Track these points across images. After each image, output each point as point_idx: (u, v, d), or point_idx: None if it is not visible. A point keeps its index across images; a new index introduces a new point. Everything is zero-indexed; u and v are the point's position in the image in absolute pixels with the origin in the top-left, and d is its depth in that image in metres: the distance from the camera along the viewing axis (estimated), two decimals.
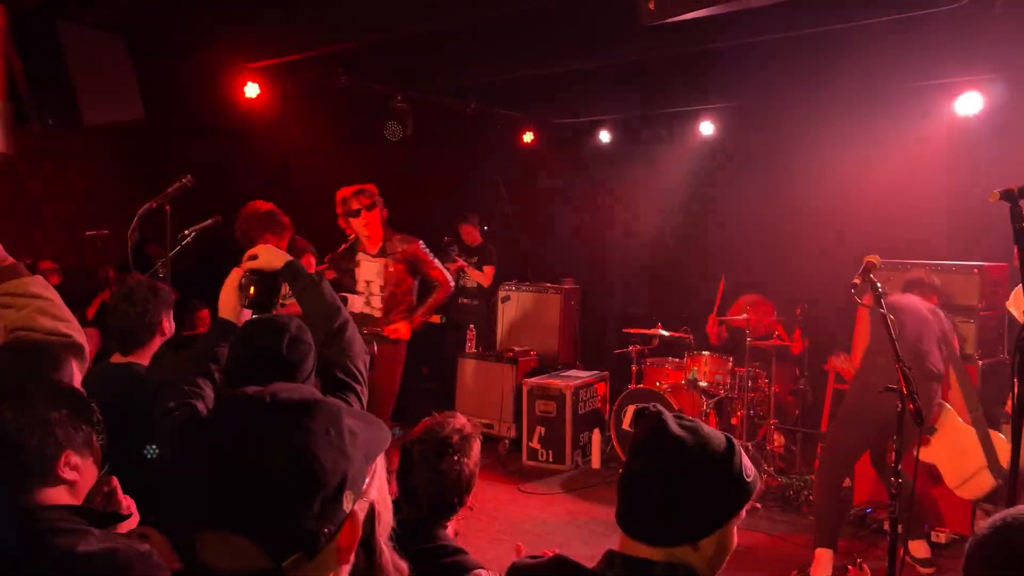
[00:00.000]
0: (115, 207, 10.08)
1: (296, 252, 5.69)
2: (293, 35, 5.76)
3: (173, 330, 3.04)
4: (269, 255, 2.32)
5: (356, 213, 5.31)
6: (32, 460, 1.63)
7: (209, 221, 4.95)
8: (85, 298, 7.13)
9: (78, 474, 1.69)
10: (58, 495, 1.65)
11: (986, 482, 4.40)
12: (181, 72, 5.97)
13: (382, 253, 5.35)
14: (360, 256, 5.42)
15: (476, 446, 2.30)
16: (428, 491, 2.20)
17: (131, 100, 5.23)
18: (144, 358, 2.92)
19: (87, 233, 5.81)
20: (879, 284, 3.06)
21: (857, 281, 3.14)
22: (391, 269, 5.31)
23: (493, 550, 4.76)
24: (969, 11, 4.49)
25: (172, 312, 3.06)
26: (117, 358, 2.92)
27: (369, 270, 5.38)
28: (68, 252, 8.68)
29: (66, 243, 9.67)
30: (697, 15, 2.86)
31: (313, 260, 5.62)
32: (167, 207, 3.93)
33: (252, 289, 2.31)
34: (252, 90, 6.25)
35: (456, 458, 2.22)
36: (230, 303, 2.31)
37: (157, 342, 2.98)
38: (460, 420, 2.35)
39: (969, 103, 6.03)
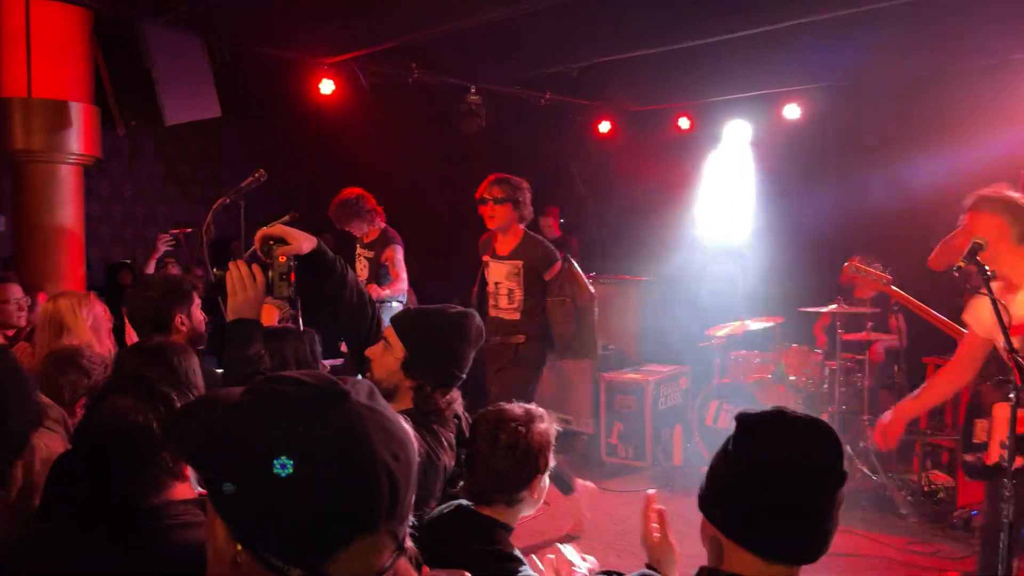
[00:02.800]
0: (201, 205, 10.43)
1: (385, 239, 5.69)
2: (365, 30, 5.76)
3: (192, 326, 3.02)
4: (298, 236, 2.11)
5: (483, 202, 4.68)
6: (168, 457, 1.62)
7: (286, 217, 4.99)
8: None
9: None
10: (184, 490, 1.67)
11: None
12: (257, 70, 6.05)
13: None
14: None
15: (543, 429, 2.17)
16: (487, 467, 2.10)
17: (209, 99, 5.34)
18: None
19: (172, 232, 5.95)
20: (987, 267, 2.79)
21: (961, 264, 2.87)
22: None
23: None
24: None
25: (193, 307, 3.04)
26: None
27: (498, 272, 4.84)
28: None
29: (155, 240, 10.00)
30: None
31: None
32: (241, 202, 3.95)
33: (293, 276, 2.02)
34: (327, 86, 6.29)
35: (517, 435, 2.10)
36: (256, 295, 2.01)
37: (174, 339, 2.91)
38: (533, 407, 2.24)
39: None
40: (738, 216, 8.03)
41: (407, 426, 1.05)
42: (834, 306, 5.85)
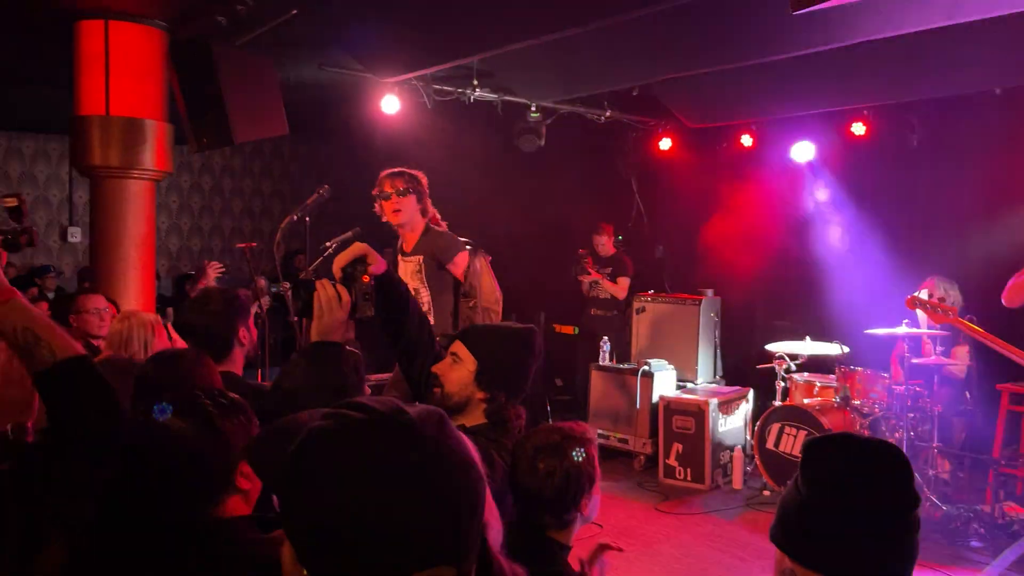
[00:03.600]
0: (267, 221, 10.69)
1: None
2: (429, 50, 5.84)
3: (253, 338, 3.00)
4: (378, 256, 2.06)
5: (384, 196, 4.41)
6: (217, 472, 1.62)
7: (350, 232, 5.08)
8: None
9: (250, 482, 1.69)
10: (236, 505, 1.66)
11: None
12: (322, 89, 6.19)
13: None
14: None
15: (587, 452, 2.15)
16: (531, 492, 2.09)
17: (277, 118, 5.47)
18: (231, 367, 2.88)
19: (238, 246, 6.09)
20: None
21: None
22: None
23: (629, 571, 4.59)
24: None
25: (250, 320, 3.02)
26: None
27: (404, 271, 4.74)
28: (221, 261, 9.21)
29: (222, 256, 10.30)
30: (849, 0, 2.63)
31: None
32: (307, 219, 4.03)
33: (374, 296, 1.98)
34: (390, 104, 6.39)
35: (556, 461, 2.10)
36: (343, 317, 1.95)
37: (237, 352, 2.94)
38: (578, 425, 2.22)
39: None
40: (801, 236, 7.88)
41: (476, 456, 1.04)
42: (903, 329, 5.69)
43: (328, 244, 5.27)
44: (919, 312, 5.22)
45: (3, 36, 5.97)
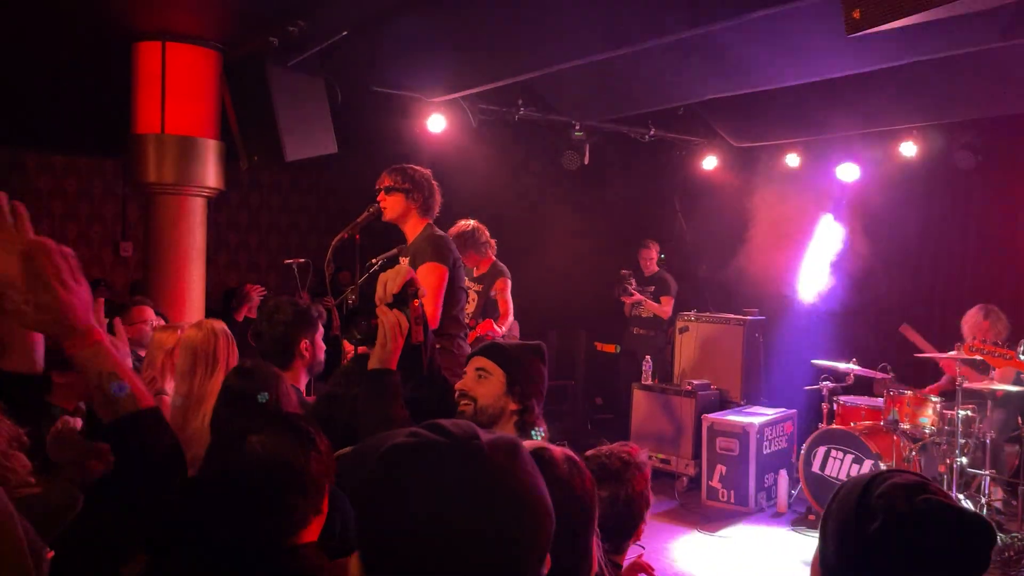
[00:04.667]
0: (312, 236, 10.85)
1: None
2: (475, 69, 5.91)
3: (315, 353, 3.06)
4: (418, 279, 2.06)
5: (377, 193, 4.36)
6: (311, 498, 1.62)
7: (395, 250, 5.14)
8: None
9: (325, 509, 1.71)
10: (310, 533, 1.66)
11: None
12: (371, 107, 6.28)
13: None
14: None
15: (640, 476, 2.14)
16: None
17: (326, 137, 5.56)
18: (291, 379, 2.87)
19: (285, 262, 6.20)
20: None
21: None
22: None
23: None
24: None
25: (317, 335, 3.07)
26: None
27: None
28: (268, 279, 9.37)
29: (268, 271, 10.47)
30: (906, 22, 2.61)
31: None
32: (357, 236, 4.09)
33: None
34: (436, 123, 6.46)
35: (622, 486, 2.11)
36: (401, 344, 1.95)
37: (298, 364, 2.99)
38: (633, 449, 2.22)
39: None
40: (847, 256, 7.76)
41: (544, 491, 1.05)
42: (954, 352, 5.57)
43: (374, 260, 5.33)
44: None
45: (64, 56, 6.17)
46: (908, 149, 6.94)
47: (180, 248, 5.59)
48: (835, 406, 6.31)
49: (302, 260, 6.43)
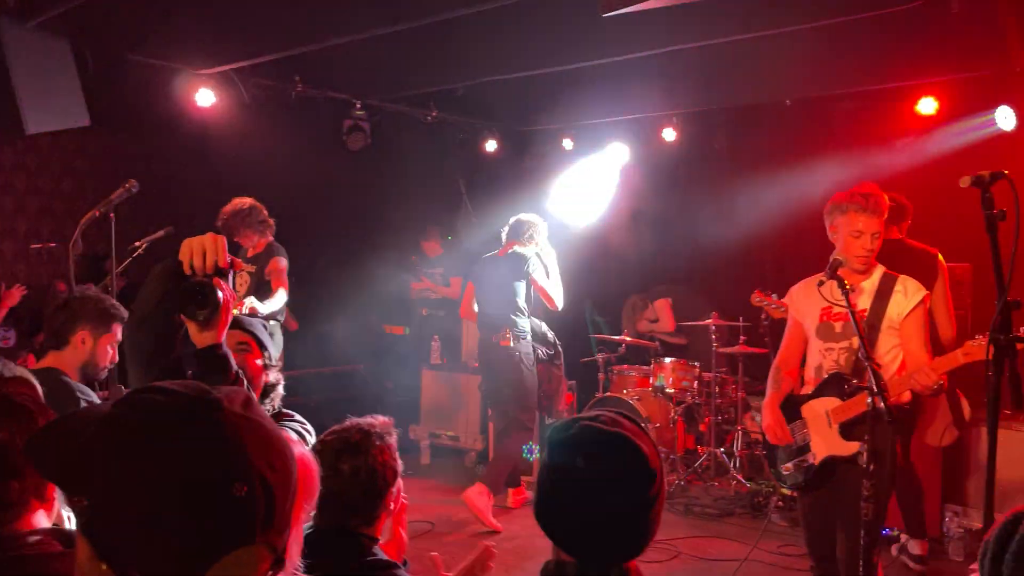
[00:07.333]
0: (69, 221, 9.84)
1: None
2: (244, 41, 5.62)
3: (94, 352, 2.97)
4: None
5: None
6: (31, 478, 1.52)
7: (161, 232, 4.79)
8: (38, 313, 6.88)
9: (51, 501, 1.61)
10: (45, 515, 1.57)
11: None
12: (129, 78, 5.78)
13: None
14: None
15: (381, 446, 2.16)
16: (335, 495, 2.06)
17: (76, 107, 5.05)
18: (60, 362, 2.89)
19: (32, 247, 5.60)
20: (846, 282, 3.00)
21: (823, 278, 3.08)
22: None
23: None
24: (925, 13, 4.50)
25: (103, 334, 3.00)
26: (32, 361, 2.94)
27: None
28: (15, 266, 8.40)
29: (15, 261, 9.38)
30: (656, 4, 2.79)
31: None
32: (111, 215, 3.76)
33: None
34: (205, 97, 6.07)
35: (364, 457, 2.11)
36: (229, 318, 1.82)
37: (68, 352, 2.93)
38: (369, 420, 2.23)
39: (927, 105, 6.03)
40: (617, 235, 8.20)
41: (289, 435, 1.03)
42: (710, 320, 6.12)
43: (138, 244, 4.95)
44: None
45: None
46: (669, 134, 7.42)
47: None
48: (610, 375, 6.71)
49: (53, 244, 5.85)
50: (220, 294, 1.69)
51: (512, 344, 5.46)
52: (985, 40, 5.29)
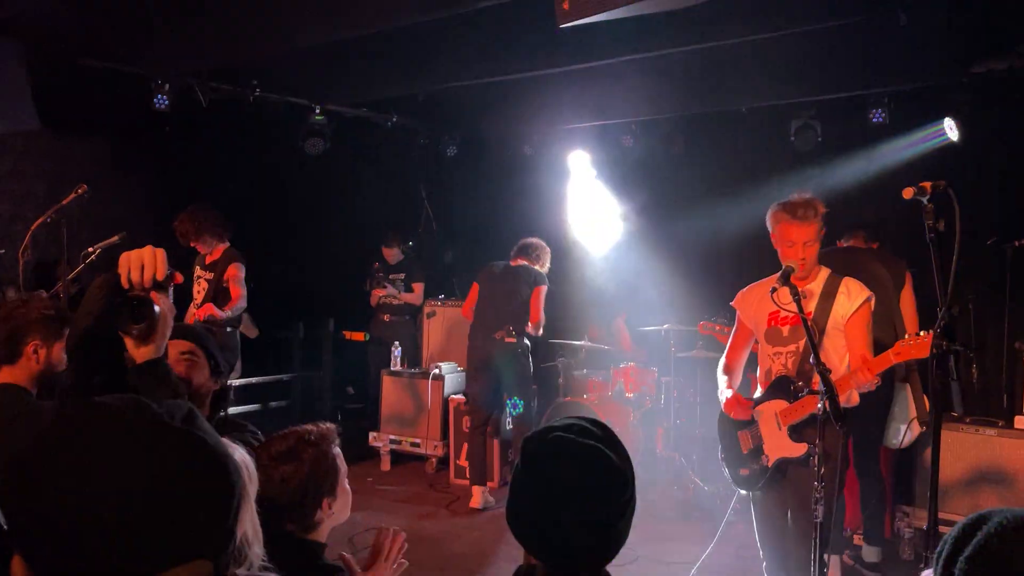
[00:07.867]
0: (18, 225, 9.60)
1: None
2: (200, 46, 5.56)
3: (50, 362, 2.86)
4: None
5: None
6: None
7: (115, 238, 4.70)
8: None
9: None
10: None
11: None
12: (82, 81, 5.67)
13: None
14: None
15: (317, 453, 2.14)
16: (270, 500, 2.05)
17: (25, 110, 4.94)
18: (14, 377, 2.77)
19: None
20: (798, 288, 3.06)
21: (776, 286, 3.13)
22: None
23: (420, 571, 4.61)
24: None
25: (54, 342, 2.88)
26: None
27: None
28: None
29: None
30: (611, 16, 2.83)
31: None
32: (62, 221, 3.69)
33: None
34: (161, 102, 5.99)
35: (297, 464, 2.09)
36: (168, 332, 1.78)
37: (21, 365, 2.80)
38: (308, 426, 2.22)
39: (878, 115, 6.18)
40: (578, 239, 8.22)
41: (235, 451, 1.02)
42: (666, 326, 6.19)
43: (91, 250, 4.86)
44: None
45: None
46: (627, 142, 7.48)
47: None
48: (569, 380, 6.74)
49: (1, 251, 5.72)
50: (157, 308, 1.66)
51: (516, 340, 5.94)
52: (933, 51, 5.45)
